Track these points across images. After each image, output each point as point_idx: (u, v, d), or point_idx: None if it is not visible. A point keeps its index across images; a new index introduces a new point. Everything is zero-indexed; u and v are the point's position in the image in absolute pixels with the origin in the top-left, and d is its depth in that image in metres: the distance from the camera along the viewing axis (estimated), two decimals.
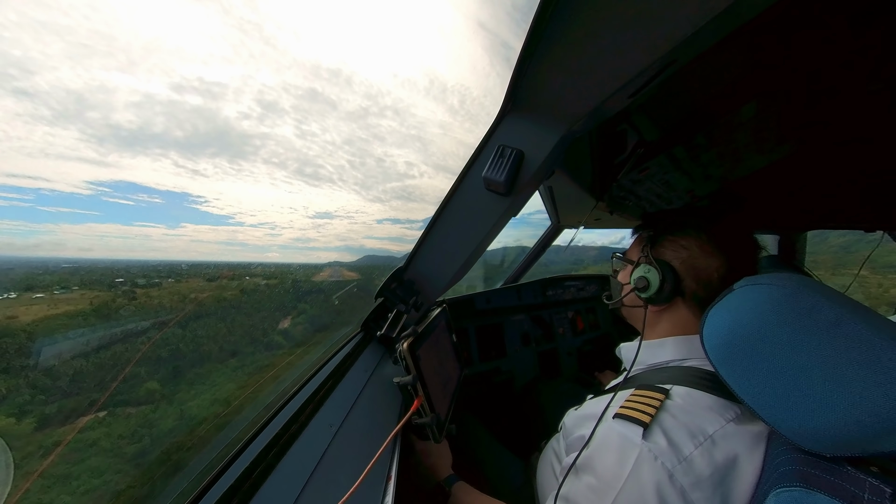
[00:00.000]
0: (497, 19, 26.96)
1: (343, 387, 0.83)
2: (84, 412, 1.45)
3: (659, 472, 0.50)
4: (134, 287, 3.64)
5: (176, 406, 1.95)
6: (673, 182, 1.25)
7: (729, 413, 0.55)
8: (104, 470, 1.25)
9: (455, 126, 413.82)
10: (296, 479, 0.55)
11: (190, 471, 0.65)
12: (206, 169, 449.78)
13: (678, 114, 0.89)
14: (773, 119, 0.89)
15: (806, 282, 0.48)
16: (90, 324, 2.85)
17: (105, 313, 3.12)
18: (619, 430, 0.56)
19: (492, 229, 0.86)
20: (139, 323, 2.57)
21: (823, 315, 0.44)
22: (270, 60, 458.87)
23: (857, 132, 0.88)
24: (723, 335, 0.52)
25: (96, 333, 2.23)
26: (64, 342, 1.91)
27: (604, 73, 0.54)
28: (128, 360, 1.87)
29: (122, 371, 1.77)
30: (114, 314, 3.23)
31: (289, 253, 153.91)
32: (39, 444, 1.24)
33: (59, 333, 2.55)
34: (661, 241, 0.72)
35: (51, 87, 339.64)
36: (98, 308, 3.08)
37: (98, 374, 1.81)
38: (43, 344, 2.09)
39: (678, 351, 0.68)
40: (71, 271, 3.81)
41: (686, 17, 0.42)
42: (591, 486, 0.56)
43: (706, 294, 0.66)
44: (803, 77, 0.72)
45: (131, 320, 3.19)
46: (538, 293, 2.03)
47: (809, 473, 0.43)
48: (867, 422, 0.39)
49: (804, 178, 1.19)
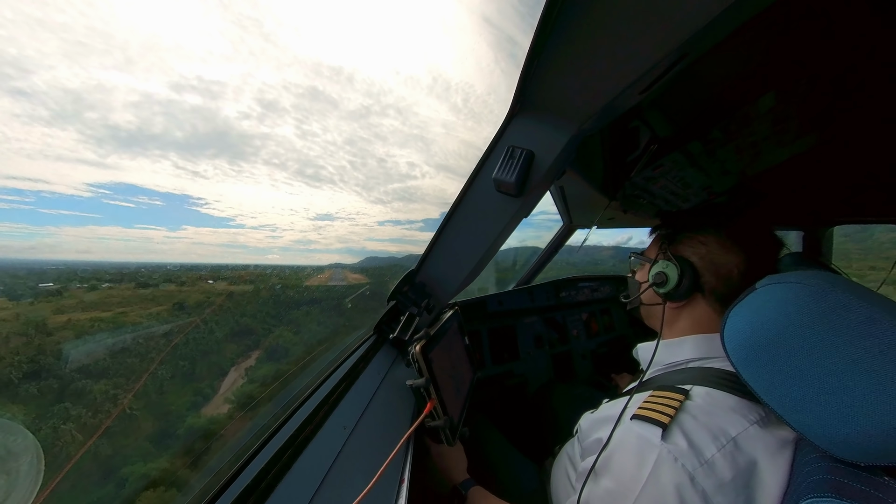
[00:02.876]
0: (503, 14, 26.38)
1: (356, 389, 0.84)
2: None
3: (680, 475, 0.48)
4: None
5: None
6: (689, 179, 1.22)
7: (752, 415, 0.53)
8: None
9: (458, 125, 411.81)
10: (310, 481, 0.56)
11: (206, 472, 0.66)
12: (206, 170, 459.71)
13: (692, 108, 0.87)
14: (794, 110, 0.85)
15: (833, 279, 0.46)
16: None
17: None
18: (638, 432, 0.54)
19: (503, 230, 0.86)
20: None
21: (854, 314, 0.42)
22: (271, 58, 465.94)
23: (886, 119, 0.84)
24: (745, 336, 0.50)
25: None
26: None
27: (613, 69, 0.53)
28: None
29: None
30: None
31: (290, 255, 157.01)
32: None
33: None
34: (679, 238, 0.71)
35: (48, 87, 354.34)
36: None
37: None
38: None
39: (698, 350, 0.66)
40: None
41: (698, 9, 0.41)
42: (608, 489, 0.55)
43: (726, 290, 0.64)
44: (824, 66, 0.69)
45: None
46: (551, 295, 2.00)
47: (843, 484, 0.41)
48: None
49: (828, 170, 1.14)
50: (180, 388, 2.88)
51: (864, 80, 0.71)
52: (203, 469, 0.71)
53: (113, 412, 1.96)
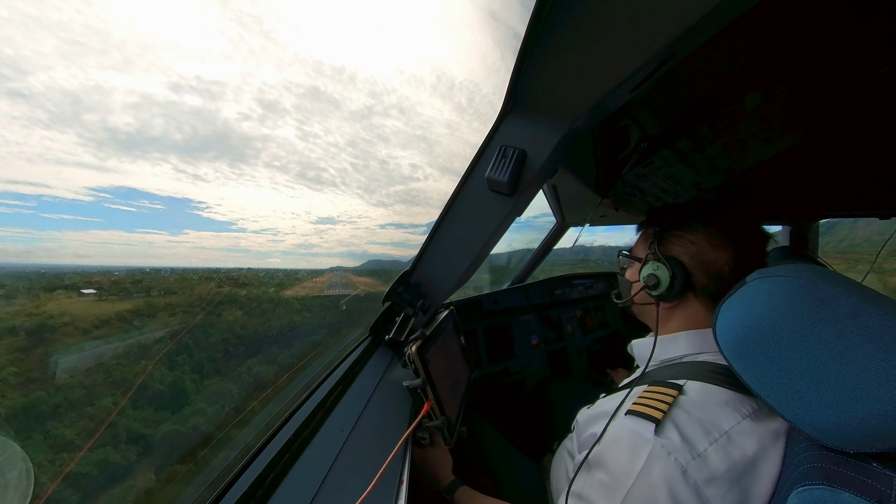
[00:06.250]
0: (510, 9, 26.52)
1: (353, 391, 0.83)
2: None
3: (672, 468, 0.49)
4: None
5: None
6: (679, 175, 1.24)
7: (745, 408, 0.54)
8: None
9: (462, 125, 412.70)
10: (309, 485, 0.56)
11: (204, 478, 0.65)
12: (206, 174, 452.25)
13: (681, 106, 0.88)
14: (779, 108, 0.87)
15: (820, 272, 0.47)
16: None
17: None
18: (631, 427, 0.55)
19: (497, 230, 0.86)
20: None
21: (841, 305, 0.43)
22: (271, 56, 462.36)
23: (867, 116, 0.86)
24: (736, 329, 0.51)
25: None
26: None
27: (603, 68, 0.53)
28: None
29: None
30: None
31: (291, 259, 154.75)
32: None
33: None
34: (667, 236, 0.71)
35: (46, 89, 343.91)
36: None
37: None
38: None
39: (691, 345, 0.67)
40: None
41: (685, 9, 0.42)
42: (602, 481, 0.56)
43: (717, 287, 0.65)
44: (807, 64, 0.70)
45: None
46: (546, 292, 2.01)
47: (833, 471, 0.42)
48: (893, 415, 0.38)
49: (813, 166, 1.17)
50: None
51: (846, 78, 0.73)
52: (196, 478, 0.70)
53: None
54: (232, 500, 0.49)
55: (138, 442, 1.60)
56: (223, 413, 1.29)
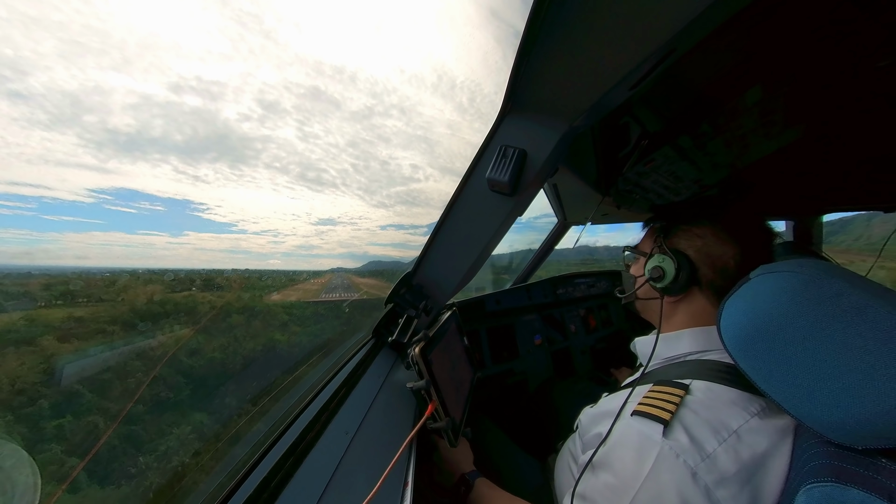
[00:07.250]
0: (512, 7, 26.33)
1: (357, 393, 0.83)
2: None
3: (681, 471, 0.48)
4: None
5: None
6: (680, 172, 1.23)
7: (753, 407, 0.53)
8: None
9: (464, 126, 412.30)
10: (314, 488, 0.56)
11: (209, 483, 0.65)
12: (206, 175, 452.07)
13: (681, 103, 0.88)
14: (780, 102, 0.87)
15: (826, 267, 0.46)
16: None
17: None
18: (639, 428, 0.54)
19: (498, 230, 0.86)
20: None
21: (846, 301, 0.42)
22: (271, 56, 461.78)
23: (869, 109, 0.85)
24: (741, 326, 0.51)
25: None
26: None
27: (602, 66, 0.53)
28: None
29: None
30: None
31: (292, 260, 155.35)
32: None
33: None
34: (674, 231, 0.71)
35: (45, 90, 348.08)
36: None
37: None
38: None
39: (696, 343, 0.66)
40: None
41: (684, 5, 0.41)
42: (608, 484, 0.55)
43: (723, 282, 0.64)
44: (808, 57, 0.70)
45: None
46: (548, 292, 2.01)
47: (841, 468, 0.41)
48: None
49: (815, 160, 1.16)
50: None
51: (848, 71, 0.73)
52: (201, 485, 0.70)
53: None
54: (238, 501, 0.49)
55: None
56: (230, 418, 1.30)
